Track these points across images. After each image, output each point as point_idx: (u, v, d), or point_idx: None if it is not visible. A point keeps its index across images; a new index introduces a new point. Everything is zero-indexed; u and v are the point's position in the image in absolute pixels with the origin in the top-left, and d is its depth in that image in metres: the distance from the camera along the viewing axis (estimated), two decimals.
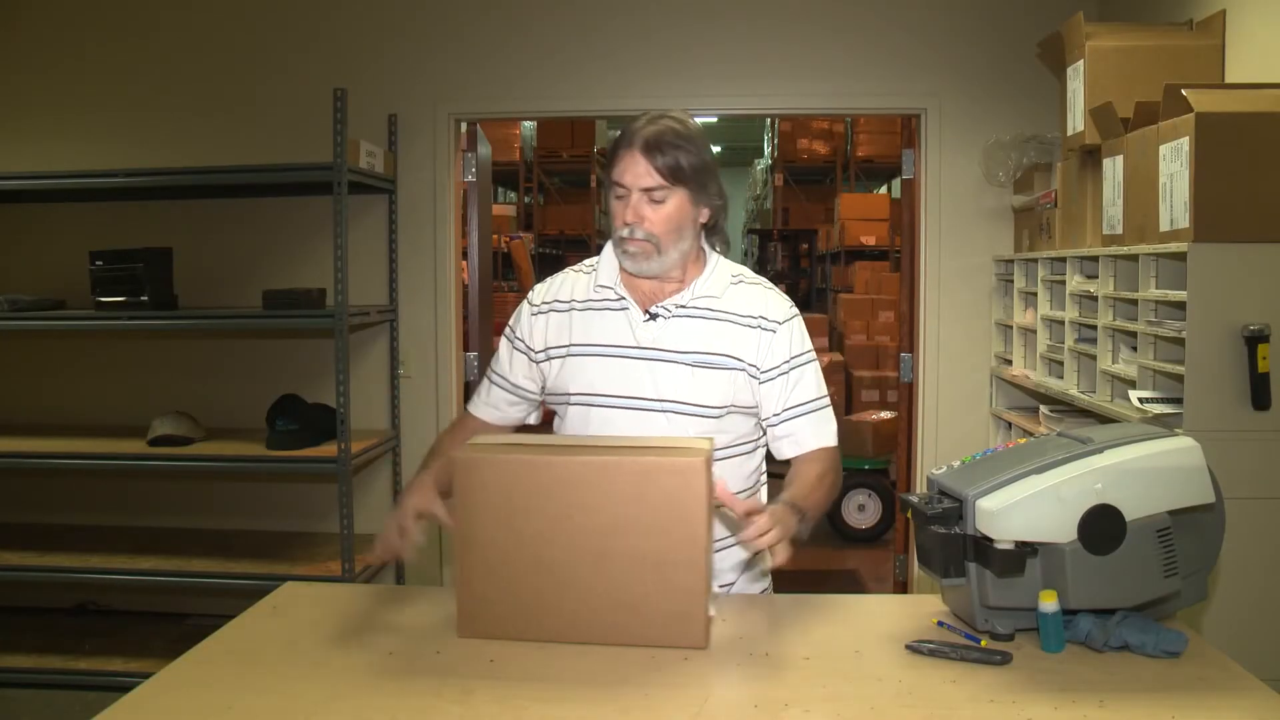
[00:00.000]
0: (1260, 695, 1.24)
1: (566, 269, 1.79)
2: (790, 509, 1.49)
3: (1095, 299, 2.59)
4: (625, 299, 1.67)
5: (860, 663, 1.35)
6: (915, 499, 1.43)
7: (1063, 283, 2.85)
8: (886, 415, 5.36)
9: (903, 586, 3.81)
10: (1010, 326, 3.39)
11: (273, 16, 3.64)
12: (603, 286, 1.69)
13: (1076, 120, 2.81)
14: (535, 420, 1.84)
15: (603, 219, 9.38)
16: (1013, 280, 3.36)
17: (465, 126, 3.76)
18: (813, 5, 3.56)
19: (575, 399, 1.66)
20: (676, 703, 1.23)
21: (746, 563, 1.72)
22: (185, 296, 3.41)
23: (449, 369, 3.66)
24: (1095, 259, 2.62)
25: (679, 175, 1.59)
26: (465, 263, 3.95)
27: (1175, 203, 2.20)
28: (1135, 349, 2.37)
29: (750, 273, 1.74)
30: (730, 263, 1.73)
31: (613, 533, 1.35)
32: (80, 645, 3.45)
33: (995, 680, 1.29)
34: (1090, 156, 2.79)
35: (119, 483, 3.76)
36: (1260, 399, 2.05)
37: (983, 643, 1.38)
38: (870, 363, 7.20)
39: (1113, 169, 2.57)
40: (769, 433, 1.71)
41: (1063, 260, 2.87)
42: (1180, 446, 1.38)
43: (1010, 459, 1.41)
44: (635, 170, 1.58)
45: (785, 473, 1.68)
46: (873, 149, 8.84)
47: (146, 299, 3.17)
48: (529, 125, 9.04)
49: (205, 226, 3.65)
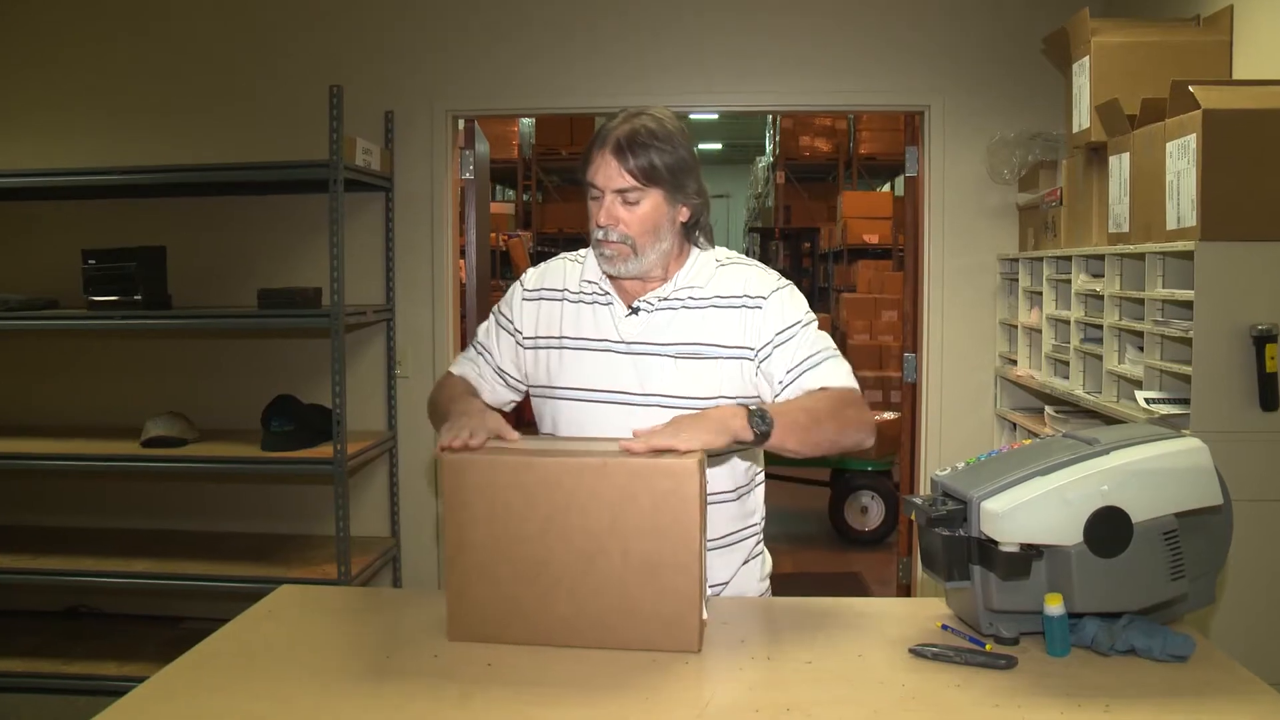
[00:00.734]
0: (1269, 700, 1.23)
1: (562, 255, 1.78)
2: (733, 406, 1.46)
3: (1101, 298, 2.59)
4: (610, 294, 1.67)
5: (863, 667, 1.35)
6: (919, 501, 1.43)
7: (1068, 282, 2.85)
8: (890, 416, 5.36)
9: (906, 589, 3.81)
10: (1015, 326, 3.39)
11: (268, 13, 3.64)
12: (588, 281, 1.69)
13: (1082, 117, 2.81)
14: (509, 408, 1.81)
15: None
16: (1017, 279, 3.36)
17: (463, 123, 3.76)
18: (815, 0, 3.56)
19: (561, 394, 1.66)
20: (676, 707, 1.23)
21: (743, 563, 1.72)
22: (179, 296, 3.41)
23: (446, 369, 3.65)
24: (1101, 258, 2.62)
25: (652, 176, 1.57)
26: (463, 261, 3.95)
27: (1182, 201, 2.20)
28: (1142, 349, 2.37)
29: (737, 255, 1.72)
30: (720, 249, 1.71)
31: (604, 535, 1.35)
32: (72, 649, 3.44)
33: (1000, 685, 1.29)
34: (1096, 154, 2.79)
35: (112, 484, 3.76)
36: (1268, 399, 2.05)
37: (987, 646, 1.38)
38: (873, 363, 7.20)
39: (1119, 166, 2.57)
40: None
41: (1068, 259, 2.87)
42: (1187, 448, 1.38)
43: (1015, 460, 1.41)
44: (607, 171, 1.57)
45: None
46: (876, 146, 8.84)
47: (140, 298, 3.17)
48: (527, 122, 9.04)
49: (199, 225, 3.65)
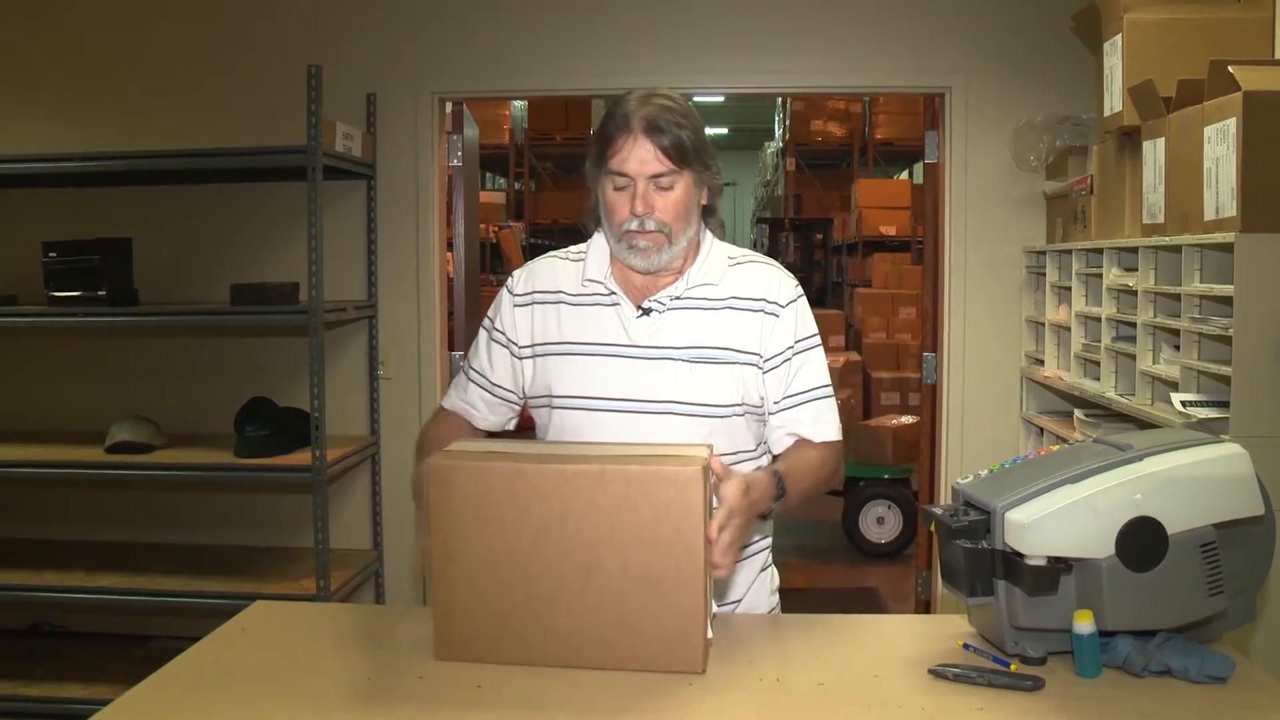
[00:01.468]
0: None
1: (550, 254, 1.77)
2: (769, 480, 1.51)
3: (1134, 294, 2.59)
4: (616, 294, 1.66)
5: (879, 689, 1.35)
6: (939, 511, 1.43)
7: (1099, 276, 2.85)
8: (907, 420, 5.37)
9: (925, 606, 3.81)
10: (1042, 324, 3.39)
11: None
12: (591, 280, 1.67)
13: (1114, 100, 2.81)
14: (512, 426, 1.82)
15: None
16: (1045, 273, 3.36)
17: (450, 106, 3.76)
18: None
19: (561, 402, 1.65)
20: None
21: (755, 575, 1.72)
22: (146, 291, 3.41)
23: (432, 370, 3.66)
24: (1134, 250, 2.62)
25: (685, 157, 1.58)
26: (450, 254, 3.95)
27: (1221, 189, 2.20)
28: (1178, 348, 2.37)
29: (749, 252, 1.73)
30: (728, 246, 1.73)
31: (602, 547, 1.35)
32: (34, 669, 3.44)
33: (1026, 707, 1.29)
34: (1129, 139, 2.79)
35: (75, 494, 3.76)
36: None
37: (1012, 667, 1.38)
38: (890, 363, 7.21)
39: (1153, 152, 2.57)
40: (767, 425, 1.69)
41: (1099, 252, 2.87)
42: (1227, 454, 1.38)
43: (1042, 467, 1.41)
44: (640, 156, 1.56)
45: None
46: (893, 131, 8.85)
47: (104, 294, 3.17)
48: (519, 105, 9.05)
49: (168, 215, 3.65)
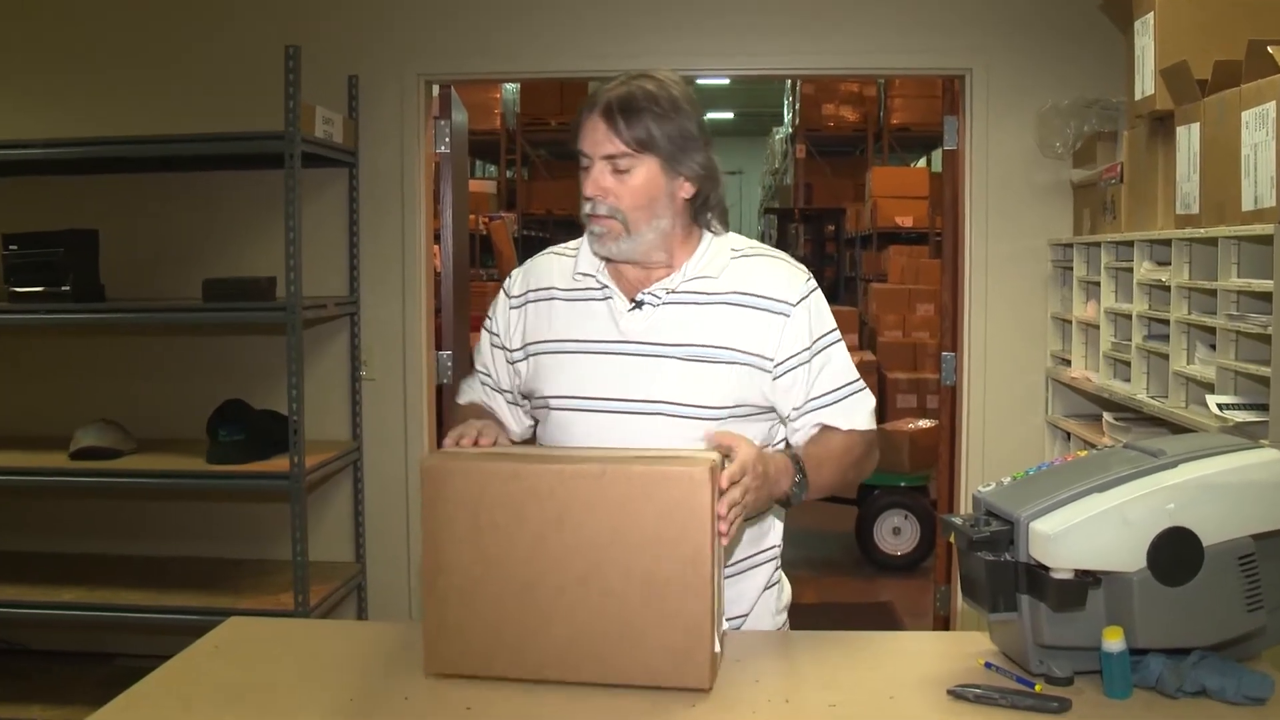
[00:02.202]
0: None
1: (549, 250, 1.80)
2: (787, 462, 1.56)
3: (1167, 289, 2.59)
4: (608, 287, 1.67)
5: (895, 710, 1.35)
6: (959, 521, 1.43)
7: (1130, 270, 2.85)
8: (925, 424, 5.37)
9: (944, 622, 3.81)
10: (1069, 321, 3.39)
11: None
12: (583, 274, 1.70)
13: (1145, 82, 2.81)
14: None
15: None
16: (1071, 268, 3.36)
17: (437, 89, 3.76)
18: None
19: (555, 402, 1.67)
20: None
21: (761, 591, 1.72)
22: (113, 287, 3.41)
23: (419, 370, 3.66)
24: (1167, 243, 2.62)
25: (646, 142, 1.59)
26: (438, 247, 3.95)
27: (1260, 178, 2.20)
28: (1214, 347, 2.37)
29: (757, 244, 1.74)
30: (735, 236, 1.73)
31: (603, 553, 1.35)
32: None
33: None
34: (1161, 124, 2.79)
35: (36, 502, 3.76)
36: None
37: (1037, 687, 1.38)
38: (907, 363, 7.21)
39: (1187, 139, 2.57)
40: (788, 427, 1.70)
41: (1130, 244, 2.87)
42: (1266, 460, 1.38)
43: (1069, 475, 1.41)
44: (595, 136, 1.60)
45: None
46: (909, 115, 8.85)
47: (68, 289, 3.17)
48: (511, 88, 9.05)
49: (137, 206, 3.65)
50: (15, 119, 3.62)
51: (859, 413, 1.70)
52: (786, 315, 1.64)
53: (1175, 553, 1.32)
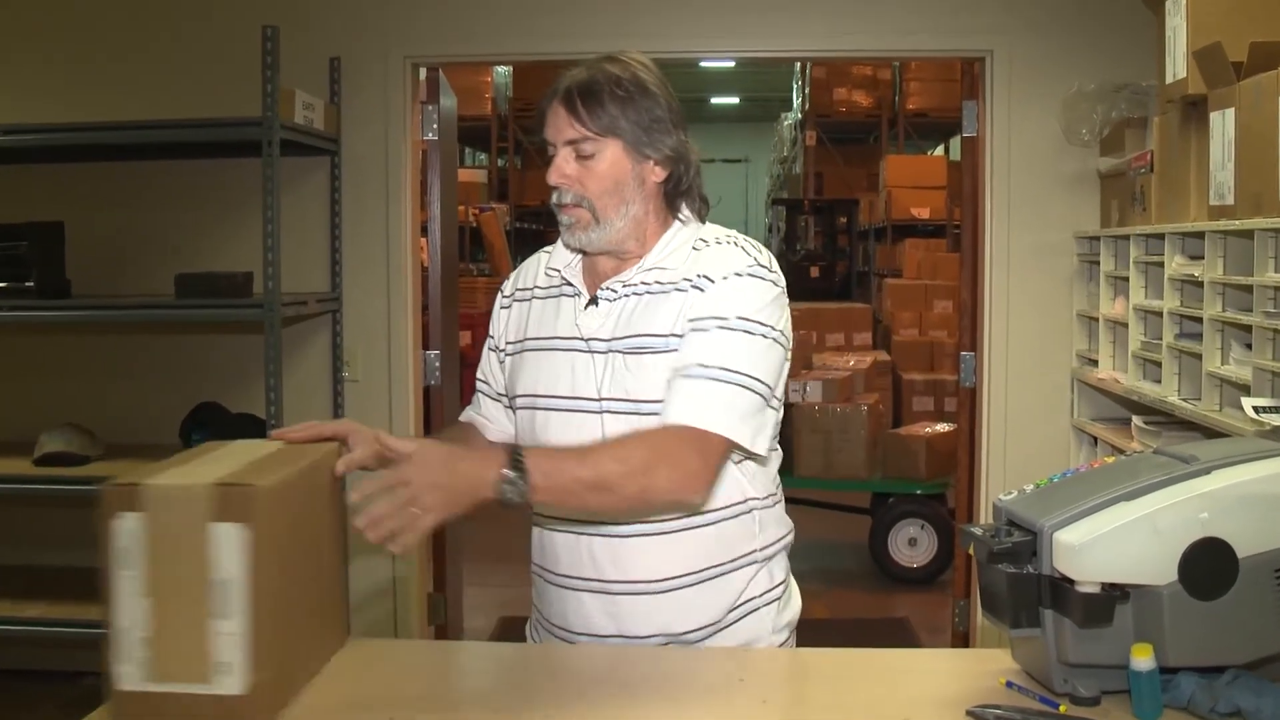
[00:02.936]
0: None
1: (545, 248, 1.84)
2: (495, 454, 1.42)
3: (1200, 285, 2.60)
4: (573, 284, 1.71)
5: None
6: (979, 531, 1.43)
7: (1160, 265, 2.85)
8: (943, 428, 5.36)
9: (963, 639, 3.81)
10: (1096, 319, 3.40)
11: None
12: (551, 269, 1.75)
13: (1177, 65, 2.81)
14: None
15: None
16: (1098, 262, 3.37)
17: (424, 73, 3.76)
18: None
19: (520, 401, 1.73)
20: None
21: (738, 603, 1.69)
22: (80, 282, 3.41)
23: (404, 370, 3.66)
24: (1200, 236, 2.62)
25: (607, 123, 1.61)
26: (425, 240, 3.95)
27: None
28: (1250, 346, 2.37)
29: (733, 234, 1.70)
30: (711, 228, 1.71)
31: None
32: None
33: None
34: (1194, 109, 2.79)
35: None
36: None
37: (1061, 708, 1.38)
38: (923, 363, 7.22)
39: (1221, 125, 2.57)
40: None
41: (1160, 237, 2.87)
42: None
43: (1095, 482, 1.41)
44: (557, 122, 1.63)
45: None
46: (926, 100, 8.88)
47: (32, 285, 3.17)
48: (503, 71, 9.07)
49: (105, 197, 3.65)
50: None
51: (697, 403, 1.54)
52: (702, 290, 1.62)
53: (1208, 565, 1.32)
